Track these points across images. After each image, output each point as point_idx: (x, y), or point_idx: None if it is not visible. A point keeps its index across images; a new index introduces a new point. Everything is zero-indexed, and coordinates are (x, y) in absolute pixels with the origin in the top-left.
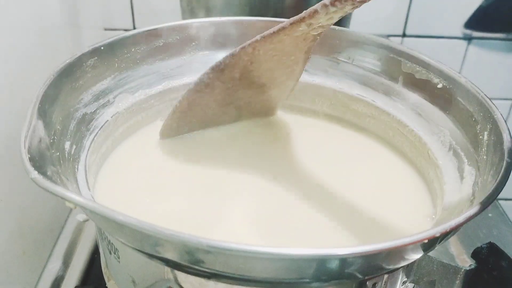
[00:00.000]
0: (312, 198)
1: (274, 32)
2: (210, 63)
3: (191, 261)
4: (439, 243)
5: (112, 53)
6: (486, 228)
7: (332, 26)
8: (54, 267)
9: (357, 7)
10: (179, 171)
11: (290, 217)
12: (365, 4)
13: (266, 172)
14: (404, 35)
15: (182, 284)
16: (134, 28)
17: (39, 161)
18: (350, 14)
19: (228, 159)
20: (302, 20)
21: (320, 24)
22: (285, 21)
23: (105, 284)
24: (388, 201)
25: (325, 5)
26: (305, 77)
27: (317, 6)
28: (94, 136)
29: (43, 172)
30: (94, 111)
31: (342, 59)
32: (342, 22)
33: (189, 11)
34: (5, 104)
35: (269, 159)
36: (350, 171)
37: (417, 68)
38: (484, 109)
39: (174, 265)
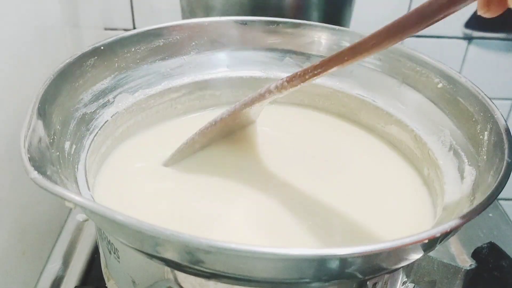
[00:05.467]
0: (312, 197)
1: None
2: (210, 63)
3: (191, 261)
4: (439, 243)
5: (112, 53)
6: (486, 228)
7: (333, 26)
8: (54, 267)
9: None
10: (179, 171)
11: (289, 217)
12: (367, 3)
13: (266, 172)
14: None
15: (182, 284)
16: (134, 28)
17: (39, 161)
18: (351, 13)
19: (228, 159)
20: (260, 98)
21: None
22: (246, 99)
23: (105, 284)
24: (388, 201)
25: (277, 87)
26: None
27: (270, 87)
28: (94, 136)
29: (43, 172)
30: (94, 111)
31: None
32: (342, 22)
33: (189, 11)
34: (5, 104)
35: (268, 159)
36: (350, 171)
37: (417, 68)
38: (484, 109)
39: (174, 265)
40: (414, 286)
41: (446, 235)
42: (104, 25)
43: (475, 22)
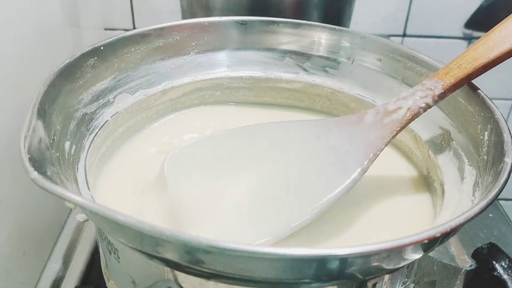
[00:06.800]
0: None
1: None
2: (210, 63)
3: (191, 261)
4: (439, 243)
5: (112, 53)
6: (486, 229)
7: (332, 26)
8: (54, 267)
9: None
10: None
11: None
12: (367, 3)
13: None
14: (404, 35)
15: (182, 284)
16: (134, 28)
17: (39, 161)
18: (351, 13)
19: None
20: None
21: None
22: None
23: (105, 284)
24: (388, 200)
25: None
26: (305, 77)
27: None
28: (94, 136)
29: (43, 172)
30: (94, 111)
31: (342, 59)
32: (342, 22)
33: (189, 11)
34: (5, 104)
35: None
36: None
37: (417, 68)
38: (485, 109)
39: (174, 265)
40: (414, 287)
41: (446, 235)
42: (104, 25)
43: (475, 22)
